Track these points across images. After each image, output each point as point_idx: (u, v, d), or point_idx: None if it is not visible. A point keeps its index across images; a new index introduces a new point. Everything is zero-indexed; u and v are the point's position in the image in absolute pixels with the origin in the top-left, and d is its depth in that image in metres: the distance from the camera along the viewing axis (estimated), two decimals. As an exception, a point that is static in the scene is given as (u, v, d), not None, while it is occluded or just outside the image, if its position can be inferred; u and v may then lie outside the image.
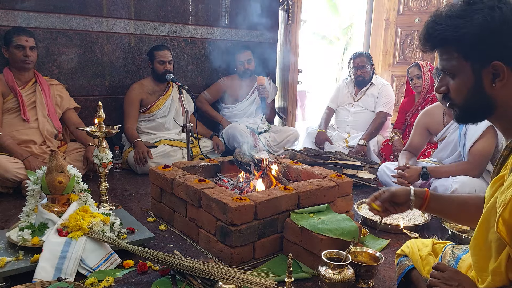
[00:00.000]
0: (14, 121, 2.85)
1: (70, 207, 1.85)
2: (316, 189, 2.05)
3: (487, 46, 0.98)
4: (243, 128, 3.71)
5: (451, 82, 1.08)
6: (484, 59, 1.00)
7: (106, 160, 2.20)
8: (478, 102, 1.05)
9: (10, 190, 2.70)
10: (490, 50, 0.98)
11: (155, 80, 3.49)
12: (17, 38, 2.80)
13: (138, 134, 3.43)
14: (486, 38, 0.98)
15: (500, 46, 0.98)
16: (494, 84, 1.00)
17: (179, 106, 3.60)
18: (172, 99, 3.55)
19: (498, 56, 0.98)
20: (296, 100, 4.98)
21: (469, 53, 1.01)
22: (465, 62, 1.02)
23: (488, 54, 0.99)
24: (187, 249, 1.97)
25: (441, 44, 1.06)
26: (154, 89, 3.50)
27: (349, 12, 12.14)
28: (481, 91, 1.02)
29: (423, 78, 3.43)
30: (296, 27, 4.65)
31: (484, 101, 1.04)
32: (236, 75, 4.03)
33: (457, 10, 1.02)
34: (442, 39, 1.04)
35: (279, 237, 1.92)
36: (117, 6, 3.48)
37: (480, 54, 1.00)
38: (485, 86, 1.01)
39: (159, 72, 3.42)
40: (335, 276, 1.52)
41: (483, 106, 1.06)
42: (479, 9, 0.98)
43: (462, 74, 1.04)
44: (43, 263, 1.60)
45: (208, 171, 2.51)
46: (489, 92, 1.02)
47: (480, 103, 1.05)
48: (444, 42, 1.04)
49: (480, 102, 1.05)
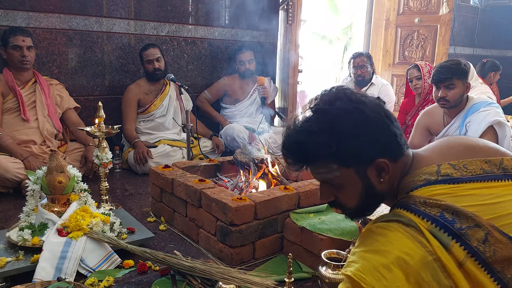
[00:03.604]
0: (14, 121, 2.85)
1: (70, 207, 1.85)
2: (316, 189, 2.05)
3: (362, 148, 0.96)
4: (240, 129, 3.71)
5: (338, 191, 1.05)
6: (365, 160, 0.98)
7: (106, 160, 2.20)
8: (370, 200, 1.06)
9: (10, 190, 2.70)
10: (367, 151, 0.97)
11: (149, 80, 3.49)
12: (14, 38, 2.79)
13: (138, 134, 3.43)
14: (358, 141, 0.96)
15: (373, 143, 0.96)
16: (382, 179, 1.00)
17: (177, 104, 3.60)
18: (170, 97, 3.55)
19: (375, 153, 0.97)
20: (296, 100, 4.98)
21: (348, 161, 0.98)
22: (348, 169, 0.99)
23: (366, 154, 0.97)
24: (187, 249, 1.97)
25: (313, 162, 1.02)
26: (151, 88, 3.50)
27: (349, 12, 12.12)
28: (371, 190, 1.01)
29: (423, 79, 3.42)
30: (296, 27, 4.65)
31: (376, 197, 1.05)
32: (236, 75, 4.03)
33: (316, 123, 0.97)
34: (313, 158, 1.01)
35: (279, 237, 1.92)
36: (117, 6, 3.47)
37: (359, 157, 0.98)
38: (374, 183, 1.00)
39: (149, 71, 3.42)
40: (335, 276, 1.52)
41: (375, 201, 1.08)
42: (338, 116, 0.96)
43: (349, 181, 1.01)
44: (43, 263, 1.60)
45: (208, 171, 2.51)
46: (379, 188, 1.01)
47: (372, 200, 1.07)
48: (317, 159, 1.01)
49: (373, 200, 1.06)
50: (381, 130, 0.98)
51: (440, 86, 2.59)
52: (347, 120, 0.96)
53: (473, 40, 6.71)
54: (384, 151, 0.98)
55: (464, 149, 1.03)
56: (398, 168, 1.02)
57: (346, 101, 0.97)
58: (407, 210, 0.93)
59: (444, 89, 2.57)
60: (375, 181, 1.00)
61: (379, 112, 0.99)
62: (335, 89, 1.02)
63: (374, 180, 1.00)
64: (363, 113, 0.96)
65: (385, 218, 0.97)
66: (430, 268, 0.85)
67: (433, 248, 0.86)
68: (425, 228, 0.88)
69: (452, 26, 5.62)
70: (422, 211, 0.91)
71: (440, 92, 2.59)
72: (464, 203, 0.91)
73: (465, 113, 2.67)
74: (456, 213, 0.89)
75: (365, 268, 0.87)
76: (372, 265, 0.87)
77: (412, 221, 0.90)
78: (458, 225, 0.88)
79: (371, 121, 0.96)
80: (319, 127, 0.97)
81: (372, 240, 0.92)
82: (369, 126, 0.96)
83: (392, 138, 0.99)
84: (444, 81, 2.55)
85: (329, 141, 0.96)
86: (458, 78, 2.56)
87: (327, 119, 0.97)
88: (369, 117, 0.96)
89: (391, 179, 1.02)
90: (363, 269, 0.87)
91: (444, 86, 2.56)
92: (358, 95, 1.00)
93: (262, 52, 4.16)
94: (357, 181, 1.00)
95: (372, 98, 1.02)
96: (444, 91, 2.57)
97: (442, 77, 2.55)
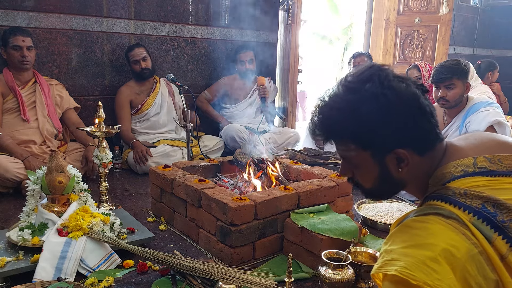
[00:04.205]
0: (14, 121, 2.85)
1: (70, 207, 1.85)
2: (316, 189, 2.05)
3: (382, 136, 0.94)
4: (239, 128, 3.71)
5: (356, 169, 1.04)
6: (383, 147, 0.95)
7: (106, 160, 2.20)
8: (387, 186, 1.03)
9: (10, 190, 2.70)
10: (387, 139, 0.94)
11: (137, 81, 3.49)
12: (14, 38, 2.78)
13: (136, 135, 3.43)
14: (378, 128, 0.93)
15: (394, 133, 0.93)
16: (400, 169, 0.97)
17: (170, 101, 3.60)
18: (162, 94, 3.56)
19: (396, 143, 0.94)
20: (296, 100, 4.98)
21: (366, 144, 0.96)
22: (365, 152, 0.97)
23: (385, 142, 0.95)
24: (187, 249, 1.97)
25: (333, 137, 1.02)
26: (141, 89, 3.50)
27: (349, 12, 12.12)
28: (389, 177, 0.99)
29: (423, 79, 3.42)
30: (296, 27, 4.65)
31: (394, 184, 1.02)
32: (236, 75, 4.03)
33: (342, 102, 0.96)
34: (333, 134, 1.00)
35: (279, 237, 1.92)
36: (117, 6, 3.47)
37: (378, 144, 0.95)
38: (392, 171, 0.98)
39: (136, 71, 3.42)
40: (335, 276, 1.52)
41: (392, 188, 1.04)
42: (364, 99, 0.93)
43: (365, 163, 0.99)
44: (43, 263, 1.60)
45: (208, 171, 2.51)
46: (397, 176, 0.99)
47: (389, 187, 1.04)
48: (335, 136, 1.00)
49: (390, 186, 1.03)
50: (405, 122, 0.93)
51: (440, 86, 2.59)
52: (371, 105, 0.92)
53: (473, 40, 6.71)
54: (407, 143, 0.95)
55: (496, 144, 1.01)
56: (426, 161, 0.98)
57: (377, 85, 0.93)
58: (446, 202, 0.89)
59: (444, 89, 2.57)
60: (393, 170, 0.98)
61: (410, 102, 0.93)
62: (373, 69, 0.97)
63: (392, 168, 0.98)
64: (389, 101, 0.92)
65: (422, 212, 0.92)
66: (476, 261, 0.82)
67: (478, 240, 0.83)
68: (467, 220, 0.85)
69: (452, 26, 5.62)
70: (463, 202, 0.88)
71: (440, 92, 2.59)
72: (504, 196, 0.88)
73: (465, 113, 2.67)
74: (498, 206, 0.86)
75: (411, 264, 0.81)
76: (418, 260, 0.81)
77: (453, 213, 0.87)
78: (500, 218, 0.85)
79: (395, 111, 0.92)
80: (342, 105, 0.96)
81: (411, 235, 0.87)
82: (392, 116, 0.92)
83: (419, 131, 0.95)
84: (444, 81, 2.55)
85: (348, 121, 0.95)
86: (458, 78, 2.56)
87: (351, 99, 0.95)
88: (395, 107, 0.92)
89: (415, 170, 0.98)
90: (409, 266, 0.81)
91: (444, 86, 2.56)
92: (395, 79, 0.95)
93: (262, 52, 4.16)
94: (373, 165, 0.99)
95: (411, 85, 0.96)
96: (444, 91, 2.58)
97: (442, 77, 2.55)
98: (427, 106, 0.96)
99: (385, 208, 2.42)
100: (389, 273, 0.83)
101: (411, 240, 0.86)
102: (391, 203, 2.50)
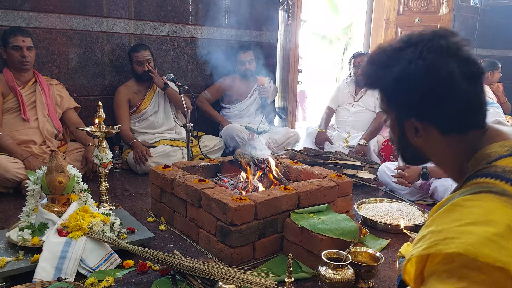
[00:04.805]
0: (14, 121, 2.85)
1: (70, 207, 1.85)
2: (316, 189, 2.05)
3: (403, 101, 0.95)
4: (240, 128, 3.71)
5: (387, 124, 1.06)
6: (403, 112, 0.97)
7: (106, 160, 2.20)
8: (407, 150, 1.04)
9: (10, 190, 2.70)
10: (407, 105, 0.95)
11: (137, 81, 3.49)
12: (14, 39, 2.78)
13: (136, 135, 3.44)
14: (401, 93, 0.95)
15: (414, 103, 0.94)
16: (416, 138, 0.98)
17: (167, 98, 3.60)
18: (159, 93, 3.56)
19: (414, 113, 0.95)
20: (296, 100, 4.98)
21: (390, 103, 0.99)
22: (391, 111, 1.01)
23: (405, 108, 0.96)
24: (187, 249, 1.97)
25: (369, 85, 1.04)
26: (139, 88, 3.51)
27: (349, 12, 12.14)
28: (407, 141, 1.00)
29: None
30: (296, 27, 4.65)
31: (413, 151, 1.02)
32: (236, 75, 4.03)
33: (385, 55, 0.98)
34: (369, 81, 1.03)
35: (279, 237, 1.92)
36: (117, 6, 3.47)
37: (399, 107, 0.98)
38: (409, 137, 0.99)
39: (138, 73, 3.42)
40: (335, 276, 1.52)
41: (413, 154, 1.04)
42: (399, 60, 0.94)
43: (391, 120, 1.02)
44: (43, 263, 1.60)
45: (208, 171, 2.51)
46: (415, 144, 0.99)
47: (410, 151, 1.04)
48: (370, 84, 1.03)
49: (410, 151, 1.04)
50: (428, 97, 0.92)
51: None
52: (401, 69, 0.93)
53: (473, 40, 6.70)
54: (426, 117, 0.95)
55: None
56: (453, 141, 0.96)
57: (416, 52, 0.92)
58: (497, 178, 0.85)
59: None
60: (410, 135, 0.99)
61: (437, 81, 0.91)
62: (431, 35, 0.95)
63: (409, 134, 0.99)
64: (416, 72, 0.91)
65: (471, 191, 0.87)
66: None
67: None
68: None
69: (452, 26, 5.62)
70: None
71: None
72: None
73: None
74: None
75: (475, 241, 0.74)
76: (483, 237, 0.75)
77: (506, 190, 0.82)
78: None
79: (419, 83, 0.91)
80: (383, 59, 0.98)
81: (466, 214, 0.81)
82: (414, 86, 0.92)
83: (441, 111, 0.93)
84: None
85: (381, 76, 0.97)
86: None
87: (392, 56, 0.96)
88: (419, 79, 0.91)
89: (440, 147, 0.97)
90: (473, 242, 0.74)
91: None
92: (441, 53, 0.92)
93: (262, 52, 4.16)
94: (395, 124, 1.01)
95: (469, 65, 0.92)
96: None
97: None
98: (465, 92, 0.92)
99: (385, 208, 2.42)
100: (446, 252, 0.76)
101: (467, 218, 0.80)
102: (391, 203, 2.50)
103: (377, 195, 2.90)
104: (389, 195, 2.86)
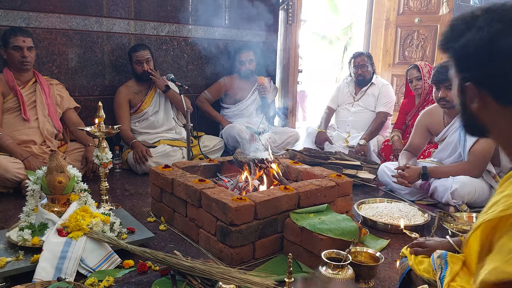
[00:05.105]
0: (14, 121, 2.85)
1: (70, 207, 1.85)
2: (316, 189, 2.05)
3: (467, 66, 0.97)
4: (241, 128, 3.71)
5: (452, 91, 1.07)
6: (464, 76, 0.99)
7: (106, 160, 2.20)
8: (467, 117, 1.04)
9: (10, 190, 2.70)
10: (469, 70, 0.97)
11: (137, 81, 3.49)
12: (14, 39, 2.78)
13: (136, 135, 3.44)
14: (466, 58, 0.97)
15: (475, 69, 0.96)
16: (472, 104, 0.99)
17: (167, 98, 3.60)
18: (159, 92, 3.56)
19: (474, 79, 0.96)
20: (296, 100, 4.98)
21: (457, 65, 1.01)
22: (456, 74, 1.02)
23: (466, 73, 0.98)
24: (187, 249, 1.97)
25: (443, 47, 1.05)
26: (140, 88, 3.51)
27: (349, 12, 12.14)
28: (466, 107, 1.01)
29: (423, 79, 3.42)
30: (296, 27, 4.65)
31: (472, 119, 1.02)
32: (236, 75, 4.03)
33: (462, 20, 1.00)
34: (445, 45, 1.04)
35: (279, 237, 1.92)
36: (117, 6, 3.47)
37: (461, 71, 0.99)
38: (467, 103, 1.00)
39: (138, 73, 3.42)
40: (335, 276, 1.52)
41: (473, 123, 1.04)
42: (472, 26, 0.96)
43: (455, 84, 1.04)
44: (43, 263, 1.60)
45: (208, 171, 2.51)
46: (473, 111, 1.00)
47: (469, 119, 1.04)
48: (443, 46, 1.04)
49: (469, 118, 1.04)
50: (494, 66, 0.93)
51: (440, 87, 2.59)
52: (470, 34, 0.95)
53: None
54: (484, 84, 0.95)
55: None
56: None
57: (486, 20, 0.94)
58: None
59: (444, 90, 2.57)
60: (468, 100, 1.00)
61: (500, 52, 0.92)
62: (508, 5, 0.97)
63: (467, 100, 1.00)
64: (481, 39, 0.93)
65: None
66: None
67: None
68: None
69: (452, 26, 5.61)
70: None
71: (440, 93, 2.59)
72: None
73: (466, 113, 2.66)
74: None
75: None
76: None
77: None
78: None
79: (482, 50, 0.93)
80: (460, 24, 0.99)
81: None
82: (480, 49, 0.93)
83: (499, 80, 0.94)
84: (444, 82, 2.55)
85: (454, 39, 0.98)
86: (458, 78, 2.55)
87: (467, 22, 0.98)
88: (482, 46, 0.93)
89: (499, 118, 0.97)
90: None
91: (444, 86, 2.56)
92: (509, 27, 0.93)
93: (262, 52, 4.16)
94: (458, 89, 1.02)
95: None
96: (444, 92, 2.57)
97: (442, 78, 2.54)
98: None
99: (385, 208, 2.42)
100: None
101: None
102: (391, 203, 2.50)
103: (377, 195, 2.90)
104: (389, 195, 2.86)
